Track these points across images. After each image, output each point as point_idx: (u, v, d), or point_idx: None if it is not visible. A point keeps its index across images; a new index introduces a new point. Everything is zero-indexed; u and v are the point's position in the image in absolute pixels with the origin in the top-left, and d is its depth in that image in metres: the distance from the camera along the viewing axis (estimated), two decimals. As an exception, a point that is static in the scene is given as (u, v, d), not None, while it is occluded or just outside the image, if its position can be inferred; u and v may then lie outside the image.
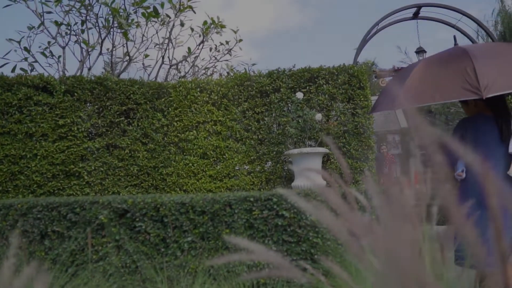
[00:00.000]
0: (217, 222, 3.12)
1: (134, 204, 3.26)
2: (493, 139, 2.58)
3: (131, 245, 3.21)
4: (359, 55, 7.27)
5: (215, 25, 8.11)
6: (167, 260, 3.19)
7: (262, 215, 3.01)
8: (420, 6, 7.47)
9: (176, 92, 6.28)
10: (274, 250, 3.04)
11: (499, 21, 15.11)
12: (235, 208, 3.09)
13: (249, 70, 8.53)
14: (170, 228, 3.17)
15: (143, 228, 3.24)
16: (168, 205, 3.19)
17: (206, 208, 3.14)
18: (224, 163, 6.10)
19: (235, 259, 1.17)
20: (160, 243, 3.23)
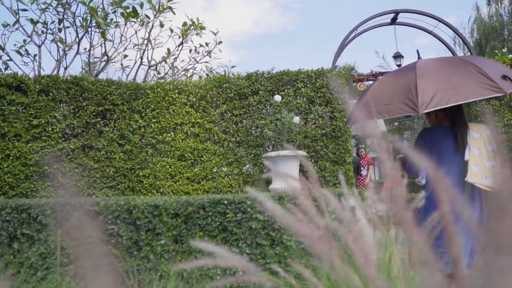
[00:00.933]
0: (191, 225, 3.10)
1: (106, 206, 3.21)
2: (450, 148, 2.70)
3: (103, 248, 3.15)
4: (337, 59, 7.34)
5: (195, 26, 8.07)
6: (140, 263, 3.15)
7: (236, 218, 3.00)
8: (398, 12, 7.59)
9: (154, 93, 6.23)
10: (248, 253, 3.03)
11: (475, 28, 15.46)
12: (209, 211, 3.07)
13: (229, 72, 8.52)
14: (143, 231, 3.13)
15: (115, 230, 3.19)
16: (141, 207, 3.15)
17: (180, 211, 3.11)
18: (202, 165, 6.06)
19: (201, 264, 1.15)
20: (133, 246, 3.18)
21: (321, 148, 5.84)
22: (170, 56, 8.44)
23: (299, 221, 1.04)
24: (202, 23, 8.07)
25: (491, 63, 2.90)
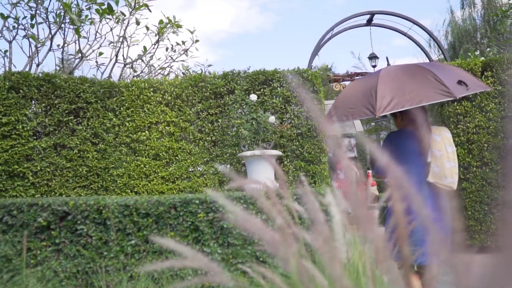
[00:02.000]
0: (162, 225, 3.06)
1: (75, 206, 3.14)
2: (414, 150, 2.85)
3: (72, 248, 3.09)
4: (313, 60, 7.38)
5: (172, 24, 8.00)
6: (109, 264, 3.09)
7: (208, 217, 2.97)
8: (374, 14, 7.67)
9: (129, 92, 6.14)
10: (219, 252, 3.01)
11: (449, 31, 15.78)
12: (180, 210, 3.04)
13: (205, 71, 8.48)
14: (113, 231, 3.08)
15: (85, 231, 3.13)
16: (111, 207, 3.10)
17: (151, 211, 3.07)
18: (177, 164, 6.01)
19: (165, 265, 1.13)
20: (103, 246, 3.12)
21: (297, 147, 5.86)
22: (146, 54, 8.35)
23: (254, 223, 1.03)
24: (179, 21, 8.01)
25: (450, 69, 3.12)
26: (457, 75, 2.92)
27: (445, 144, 2.89)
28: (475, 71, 6.10)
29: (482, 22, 14.81)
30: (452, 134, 6.08)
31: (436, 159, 2.83)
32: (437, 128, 3.02)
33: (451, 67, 3.29)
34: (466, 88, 2.82)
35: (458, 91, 2.73)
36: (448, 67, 3.28)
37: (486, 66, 6.16)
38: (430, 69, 2.85)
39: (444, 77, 2.77)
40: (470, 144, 5.99)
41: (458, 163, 2.93)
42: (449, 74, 2.88)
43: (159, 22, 7.93)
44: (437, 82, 2.71)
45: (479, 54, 11.95)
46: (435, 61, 8.54)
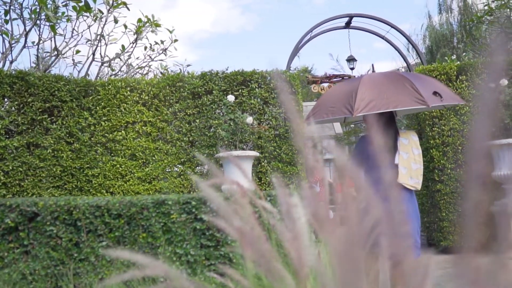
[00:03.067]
0: (134, 226, 3.01)
1: (45, 207, 3.07)
2: None
3: (41, 250, 3.02)
4: (292, 61, 7.41)
5: (151, 23, 7.92)
6: (80, 266, 3.03)
7: (180, 218, 2.94)
8: (352, 16, 7.74)
9: (105, 91, 6.05)
10: (192, 254, 2.98)
11: (427, 35, 16.05)
12: (153, 211, 3.00)
13: (184, 71, 8.42)
14: (84, 232, 3.02)
15: (55, 232, 3.06)
16: (82, 208, 3.04)
17: (123, 212, 3.02)
18: (154, 165, 5.95)
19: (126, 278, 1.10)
20: (73, 248, 3.06)
21: (274, 148, 5.86)
22: (124, 53, 8.24)
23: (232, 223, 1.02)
24: (158, 20, 7.93)
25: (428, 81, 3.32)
26: (434, 87, 3.10)
27: (412, 147, 3.07)
28: (450, 75, 6.20)
29: (458, 27, 15.12)
30: (427, 136, 6.19)
31: (403, 161, 3.01)
32: (405, 132, 3.21)
33: (431, 79, 3.47)
34: (440, 99, 3.01)
35: (432, 100, 2.91)
36: (427, 79, 3.45)
37: (461, 70, 6.27)
38: (409, 78, 3.04)
39: (421, 86, 2.96)
40: (445, 146, 6.09)
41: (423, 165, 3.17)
42: (426, 85, 3.07)
43: (138, 21, 7.84)
44: (413, 91, 2.90)
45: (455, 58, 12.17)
46: (412, 65, 8.66)
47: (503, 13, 8.77)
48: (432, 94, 2.99)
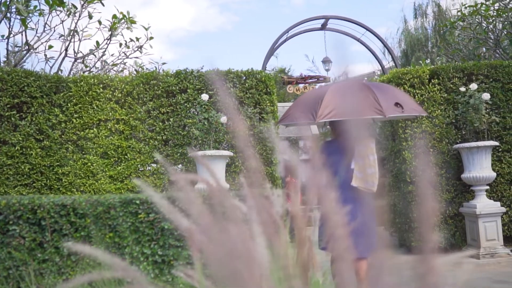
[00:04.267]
0: (100, 226, 2.95)
1: (7, 206, 2.98)
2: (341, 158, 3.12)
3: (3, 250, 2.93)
4: (268, 61, 7.42)
5: (126, 20, 7.80)
6: (44, 267, 2.95)
7: (148, 218, 2.90)
8: (328, 18, 7.79)
9: (77, 87, 5.93)
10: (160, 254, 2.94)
11: (403, 39, 16.32)
12: (120, 211, 2.94)
13: (159, 69, 8.32)
14: (48, 232, 2.94)
15: (17, 232, 2.97)
16: (47, 207, 2.96)
17: (89, 211, 2.95)
18: (126, 163, 5.86)
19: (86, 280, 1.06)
20: (37, 248, 2.98)
21: (249, 148, 5.85)
22: (99, 49, 8.10)
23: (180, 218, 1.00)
24: (134, 17, 7.82)
25: (392, 93, 3.56)
26: (396, 98, 3.34)
27: (368, 153, 3.20)
28: (423, 78, 6.30)
29: (433, 32, 15.41)
30: (400, 138, 6.28)
31: (359, 166, 3.20)
32: None
33: (397, 91, 3.72)
34: (401, 110, 3.25)
35: (390, 111, 3.17)
36: (392, 90, 3.68)
37: (433, 74, 6.38)
38: (373, 89, 3.28)
39: (383, 98, 3.19)
40: (417, 148, 6.18)
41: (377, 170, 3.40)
42: (389, 96, 3.33)
43: (113, 17, 7.71)
44: (374, 101, 3.14)
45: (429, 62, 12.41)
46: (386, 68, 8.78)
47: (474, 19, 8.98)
48: (394, 105, 3.23)
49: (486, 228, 5.62)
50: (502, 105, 6.26)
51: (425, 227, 0.64)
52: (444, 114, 6.24)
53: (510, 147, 6.25)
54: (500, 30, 9.12)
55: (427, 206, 0.65)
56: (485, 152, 5.77)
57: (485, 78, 6.31)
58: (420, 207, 0.62)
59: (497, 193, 6.19)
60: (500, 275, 4.73)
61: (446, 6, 15.84)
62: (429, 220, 0.63)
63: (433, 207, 0.67)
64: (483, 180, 5.74)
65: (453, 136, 6.22)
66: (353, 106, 2.48)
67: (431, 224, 0.63)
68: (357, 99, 2.50)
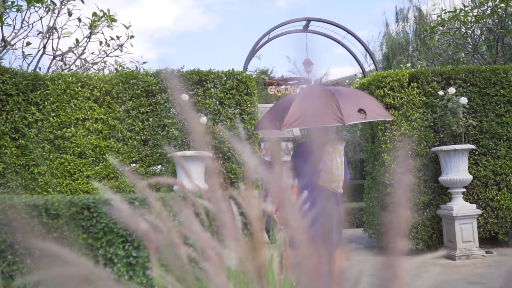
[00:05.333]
0: (74, 227, 2.89)
1: (-23, 206, 2.90)
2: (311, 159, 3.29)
3: (-29, 251, 2.85)
4: (249, 62, 7.40)
5: (107, 18, 7.70)
6: (14, 268, 2.88)
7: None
8: (310, 20, 7.82)
9: (55, 85, 5.82)
10: (134, 256, 2.89)
11: (384, 43, 16.50)
12: (94, 211, 2.89)
13: (140, 68, 8.24)
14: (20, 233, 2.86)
15: (-13, 232, 2.89)
16: (18, 207, 2.89)
17: (62, 211, 2.89)
18: (104, 163, 5.77)
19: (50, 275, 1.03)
20: (7, 249, 2.90)
21: (228, 149, 5.82)
22: (78, 47, 7.97)
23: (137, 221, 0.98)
24: (114, 15, 7.72)
25: (357, 98, 3.69)
26: (360, 104, 3.49)
27: (335, 155, 3.50)
28: (402, 81, 6.36)
29: (414, 36, 15.62)
30: (379, 141, 6.33)
31: (327, 167, 3.45)
32: (333, 141, 3.64)
33: (363, 98, 3.83)
34: (364, 116, 3.41)
35: (351, 118, 3.34)
36: (359, 97, 3.80)
37: (412, 78, 6.45)
38: (337, 96, 3.43)
39: (345, 105, 3.36)
40: (396, 151, 6.24)
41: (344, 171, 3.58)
42: (353, 103, 3.48)
43: (93, 15, 7.60)
44: (336, 109, 3.30)
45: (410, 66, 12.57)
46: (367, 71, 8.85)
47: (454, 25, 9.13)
48: (357, 111, 3.39)
49: (462, 230, 5.71)
50: (479, 109, 6.37)
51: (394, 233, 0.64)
52: (422, 117, 6.31)
53: (486, 151, 6.36)
54: (478, 36, 9.29)
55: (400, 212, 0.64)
56: (462, 155, 5.86)
57: (462, 82, 6.41)
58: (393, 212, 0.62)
59: (473, 195, 6.29)
60: (475, 276, 4.80)
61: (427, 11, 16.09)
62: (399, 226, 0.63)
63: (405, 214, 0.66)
64: (460, 182, 5.83)
65: (431, 139, 6.30)
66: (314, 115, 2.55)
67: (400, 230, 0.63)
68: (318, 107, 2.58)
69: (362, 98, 3.74)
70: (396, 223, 0.62)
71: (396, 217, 0.61)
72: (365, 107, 3.46)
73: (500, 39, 8.68)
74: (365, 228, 7.57)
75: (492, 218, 6.26)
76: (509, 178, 6.34)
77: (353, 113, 3.38)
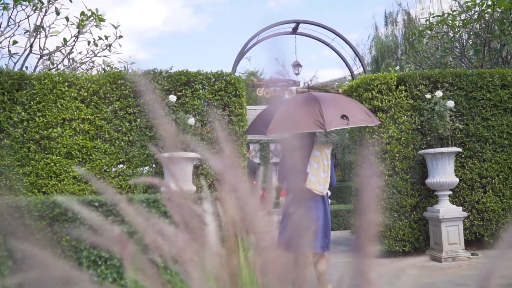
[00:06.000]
0: (57, 228, 2.86)
1: (-42, 207, 2.84)
2: None
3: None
4: (238, 64, 7.39)
5: (95, 17, 7.64)
6: (-5, 271, 2.83)
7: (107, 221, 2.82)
8: (299, 23, 7.84)
9: (41, 85, 5.75)
10: (118, 258, 2.86)
11: (373, 46, 16.61)
12: (78, 213, 2.85)
13: (129, 69, 8.18)
14: (1, 235, 2.82)
15: (-32, 234, 2.84)
16: (0, 208, 2.84)
17: (45, 213, 2.85)
18: (91, 164, 5.71)
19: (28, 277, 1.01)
20: (-12, 251, 2.85)
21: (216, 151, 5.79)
22: (66, 46, 7.90)
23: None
24: (103, 15, 7.67)
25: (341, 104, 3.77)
26: (344, 110, 3.57)
27: (322, 158, 3.62)
28: (390, 84, 6.40)
29: (402, 40, 15.75)
30: (367, 143, 6.35)
31: (314, 170, 3.55)
32: (319, 145, 3.77)
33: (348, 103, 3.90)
34: (346, 122, 3.50)
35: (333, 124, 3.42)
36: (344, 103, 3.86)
37: (400, 81, 6.49)
38: (321, 103, 3.51)
39: (328, 111, 3.45)
40: (383, 153, 6.27)
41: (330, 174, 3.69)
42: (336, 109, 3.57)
43: (81, 14, 7.54)
44: (318, 114, 3.39)
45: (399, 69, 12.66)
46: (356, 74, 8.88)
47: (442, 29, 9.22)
48: (340, 117, 3.49)
49: (449, 232, 5.75)
50: (465, 112, 6.43)
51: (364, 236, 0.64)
52: (410, 120, 6.35)
53: (472, 154, 6.42)
54: (466, 40, 9.39)
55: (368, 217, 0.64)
56: (448, 158, 5.91)
57: (450, 86, 6.47)
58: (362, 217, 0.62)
59: (459, 198, 6.35)
60: (460, 278, 4.84)
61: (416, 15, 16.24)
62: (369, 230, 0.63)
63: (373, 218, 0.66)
64: (446, 185, 5.87)
65: (418, 142, 6.34)
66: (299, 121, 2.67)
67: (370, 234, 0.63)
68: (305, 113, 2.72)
69: (346, 104, 3.84)
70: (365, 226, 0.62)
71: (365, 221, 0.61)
72: (348, 113, 3.56)
73: (486, 43, 8.78)
74: (352, 230, 7.60)
75: (478, 220, 6.32)
76: (495, 181, 6.41)
77: (336, 119, 3.47)
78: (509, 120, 6.51)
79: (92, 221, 0.95)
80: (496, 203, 6.36)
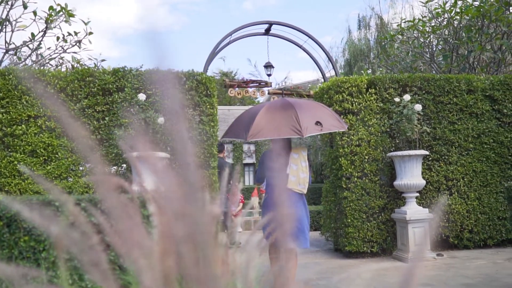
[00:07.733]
0: (15, 229, 2.76)
1: None
2: None
3: None
4: (210, 63, 7.34)
5: (64, 12, 7.46)
6: None
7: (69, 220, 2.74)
8: (272, 24, 7.85)
9: (5, 80, 5.57)
10: (79, 259, 2.78)
11: (347, 49, 16.82)
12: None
13: (99, 66, 8.02)
14: (-45, 235, 2.70)
15: None
16: (-46, 207, 2.72)
17: (2, 213, 2.75)
18: (56, 162, 5.57)
19: None
20: None
21: (186, 151, 5.74)
22: (34, 41, 7.68)
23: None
24: (72, 10, 7.49)
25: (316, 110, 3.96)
26: (317, 117, 3.77)
27: (300, 160, 3.86)
28: (360, 87, 6.48)
29: (375, 44, 16.01)
30: (337, 145, 6.41)
31: (293, 171, 3.79)
32: (297, 148, 4.00)
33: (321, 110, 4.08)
34: (320, 128, 3.71)
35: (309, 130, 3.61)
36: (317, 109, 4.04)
37: (370, 84, 6.58)
38: (297, 109, 3.69)
39: (304, 117, 3.63)
40: (353, 155, 6.34)
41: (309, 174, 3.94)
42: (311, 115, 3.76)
43: (50, 9, 7.35)
44: (295, 121, 3.58)
45: (371, 72, 12.85)
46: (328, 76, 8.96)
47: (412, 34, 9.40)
48: (314, 124, 3.69)
49: (415, 233, 5.86)
50: (433, 116, 6.57)
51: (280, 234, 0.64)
52: (379, 123, 6.45)
53: (439, 157, 6.57)
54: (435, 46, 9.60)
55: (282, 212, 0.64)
56: (416, 161, 6.02)
57: (418, 90, 6.60)
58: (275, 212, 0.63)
59: (426, 200, 6.48)
60: (425, 278, 4.93)
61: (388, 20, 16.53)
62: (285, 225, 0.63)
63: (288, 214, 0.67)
64: (414, 187, 5.98)
65: (387, 145, 6.44)
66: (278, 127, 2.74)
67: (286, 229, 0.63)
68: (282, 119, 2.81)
69: (319, 110, 4.02)
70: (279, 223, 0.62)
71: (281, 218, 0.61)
72: (321, 119, 3.77)
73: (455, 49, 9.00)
74: (322, 231, 7.65)
75: (443, 222, 6.46)
76: (460, 183, 6.57)
77: (311, 125, 3.65)
78: (474, 124, 6.68)
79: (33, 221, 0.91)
80: (461, 205, 6.52)
